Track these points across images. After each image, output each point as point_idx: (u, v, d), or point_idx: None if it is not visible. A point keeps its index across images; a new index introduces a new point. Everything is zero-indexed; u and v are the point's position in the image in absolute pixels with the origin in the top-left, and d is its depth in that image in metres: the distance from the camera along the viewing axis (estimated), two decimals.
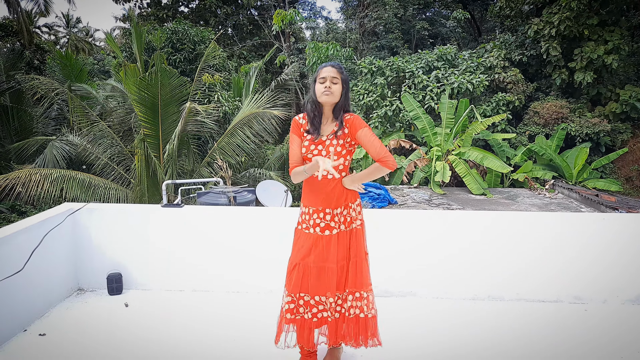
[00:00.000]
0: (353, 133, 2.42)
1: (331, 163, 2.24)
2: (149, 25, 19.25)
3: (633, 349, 2.94)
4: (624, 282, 3.58)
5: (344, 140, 2.43)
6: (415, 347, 2.91)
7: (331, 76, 2.41)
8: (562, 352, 2.90)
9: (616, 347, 2.97)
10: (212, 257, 3.76)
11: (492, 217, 3.74)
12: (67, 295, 3.65)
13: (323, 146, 2.43)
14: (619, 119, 13.83)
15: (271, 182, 7.10)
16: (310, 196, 2.48)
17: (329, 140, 2.43)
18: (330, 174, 2.40)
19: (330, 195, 2.45)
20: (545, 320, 3.34)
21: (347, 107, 2.49)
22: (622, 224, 3.57)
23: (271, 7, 23.40)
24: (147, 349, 2.90)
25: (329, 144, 2.42)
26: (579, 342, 3.03)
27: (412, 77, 14.62)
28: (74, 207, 3.74)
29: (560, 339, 3.06)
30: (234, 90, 14.78)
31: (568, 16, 13.21)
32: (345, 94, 2.45)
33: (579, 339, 3.06)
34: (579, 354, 2.89)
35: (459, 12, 18.82)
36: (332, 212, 2.45)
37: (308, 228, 2.48)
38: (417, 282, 3.67)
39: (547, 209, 9.41)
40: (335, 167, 2.42)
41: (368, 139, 2.39)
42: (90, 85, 14.60)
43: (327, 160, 2.25)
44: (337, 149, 2.41)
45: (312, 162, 2.34)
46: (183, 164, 10.91)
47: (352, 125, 2.42)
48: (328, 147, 2.41)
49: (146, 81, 9.44)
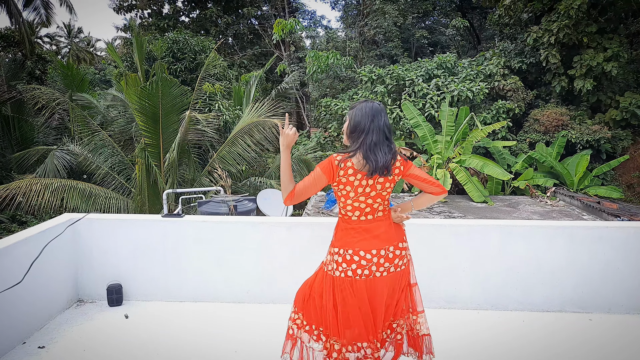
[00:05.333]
0: None
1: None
2: (150, 35, 19.33)
3: (636, 357, 2.90)
4: (629, 291, 3.54)
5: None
6: None
7: None
8: None
9: (621, 357, 2.93)
10: (213, 268, 3.74)
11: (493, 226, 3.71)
12: (67, 306, 3.62)
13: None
14: (619, 125, 13.82)
15: (272, 191, 7.08)
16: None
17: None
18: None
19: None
20: (549, 329, 3.30)
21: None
22: (626, 232, 3.55)
23: (271, 16, 23.54)
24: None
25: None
26: (583, 351, 2.99)
27: (412, 85, 14.65)
28: (74, 217, 3.72)
29: (564, 349, 3.02)
30: (234, 99, 14.80)
31: (567, 24, 13.25)
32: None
33: (583, 349, 3.02)
34: None
35: (458, 21, 18.91)
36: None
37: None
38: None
39: (549, 217, 9.37)
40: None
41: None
42: (92, 95, 14.65)
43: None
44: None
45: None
46: (184, 173, 10.89)
47: None
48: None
49: (147, 90, 9.45)
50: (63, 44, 35.86)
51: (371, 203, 2.29)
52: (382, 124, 2.25)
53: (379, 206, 2.32)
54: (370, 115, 2.24)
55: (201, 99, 13.84)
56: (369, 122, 2.23)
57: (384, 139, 2.24)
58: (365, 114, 2.25)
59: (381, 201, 2.32)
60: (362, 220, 2.31)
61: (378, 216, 2.32)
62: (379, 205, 2.32)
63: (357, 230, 2.30)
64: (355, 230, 2.30)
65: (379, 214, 2.33)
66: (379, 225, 2.31)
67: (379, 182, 2.26)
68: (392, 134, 2.32)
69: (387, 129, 2.26)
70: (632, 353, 2.98)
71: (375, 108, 2.27)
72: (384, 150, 2.22)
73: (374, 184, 2.25)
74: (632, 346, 3.07)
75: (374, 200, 2.29)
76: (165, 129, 9.90)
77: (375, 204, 2.30)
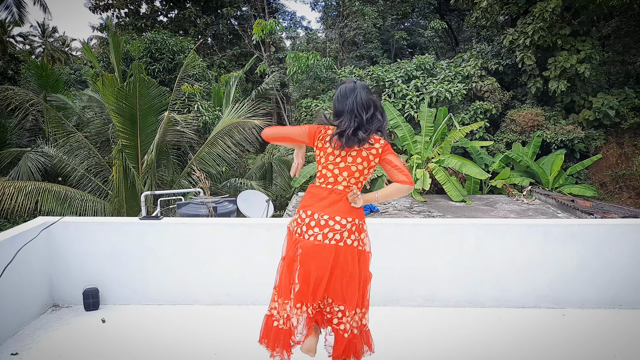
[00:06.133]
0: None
1: None
2: (127, 35, 19.03)
3: (607, 351, 2.99)
4: (600, 286, 3.65)
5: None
6: (399, 356, 2.91)
7: None
8: (541, 355, 2.94)
9: (593, 350, 3.02)
10: (192, 270, 3.71)
11: (470, 225, 3.78)
12: (42, 312, 3.55)
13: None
14: (592, 126, 14.20)
15: (252, 192, 7.06)
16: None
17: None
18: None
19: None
20: (525, 325, 3.38)
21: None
22: (597, 230, 3.65)
23: (251, 17, 23.44)
24: None
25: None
26: (556, 345, 3.07)
27: (392, 86, 14.78)
28: (48, 220, 3.65)
29: (538, 344, 3.10)
30: (214, 100, 14.68)
31: (542, 26, 13.55)
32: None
33: (556, 343, 3.10)
34: (557, 358, 2.92)
35: (436, 23, 19.13)
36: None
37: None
38: (400, 291, 3.68)
39: (525, 215, 9.58)
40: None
41: None
42: (67, 96, 14.31)
43: None
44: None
45: None
46: (162, 175, 10.76)
47: None
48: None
49: (124, 91, 9.31)
50: (37, 44, 34.95)
51: (337, 174, 2.40)
52: (352, 102, 2.40)
53: (342, 180, 2.40)
54: (343, 97, 2.44)
55: (180, 100, 13.70)
56: (343, 104, 2.43)
57: (354, 117, 2.37)
58: (338, 98, 2.47)
59: (347, 176, 2.39)
60: (321, 187, 2.43)
61: (337, 188, 2.40)
62: (342, 180, 2.40)
63: (313, 194, 2.44)
64: (311, 193, 2.45)
65: (339, 187, 2.40)
66: (333, 196, 2.40)
67: (351, 155, 2.38)
68: (368, 109, 2.41)
69: (358, 106, 2.39)
70: (603, 346, 3.07)
71: (348, 88, 2.45)
72: (354, 124, 2.35)
73: (345, 156, 2.39)
74: (603, 340, 3.17)
75: (340, 172, 2.40)
76: (143, 130, 9.76)
77: (339, 177, 2.40)
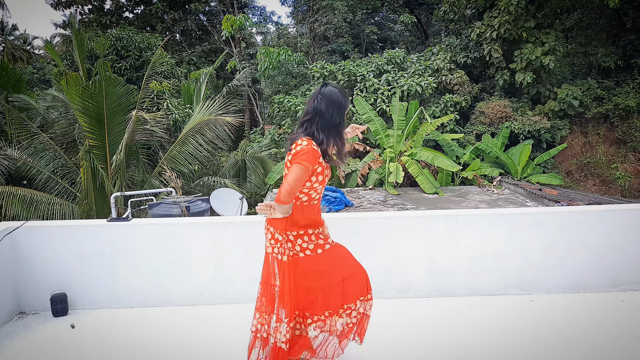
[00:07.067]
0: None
1: None
2: (91, 32, 18.51)
3: (573, 333, 3.10)
4: (567, 272, 3.78)
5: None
6: (384, 349, 2.95)
7: None
8: (510, 341, 3.03)
9: (560, 333, 3.13)
10: (163, 271, 3.65)
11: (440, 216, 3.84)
12: (7, 320, 3.44)
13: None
14: (557, 116, 14.65)
15: (226, 190, 6.97)
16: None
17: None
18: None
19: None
20: (494, 312, 3.47)
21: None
22: (562, 217, 3.78)
23: (220, 12, 23.13)
24: None
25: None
26: (524, 330, 3.17)
27: (364, 81, 14.86)
28: (11, 225, 3.53)
29: (507, 329, 3.19)
30: (184, 98, 14.45)
31: (507, 20, 13.86)
32: None
33: (524, 328, 3.20)
34: (526, 342, 3.02)
35: (406, 17, 19.33)
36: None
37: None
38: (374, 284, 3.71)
39: (496, 205, 9.80)
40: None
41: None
42: (30, 96, 13.83)
43: None
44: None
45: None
46: (132, 175, 10.54)
47: None
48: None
49: (90, 90, 9.05)
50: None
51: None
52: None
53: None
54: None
55: (148, 98, 13.40)
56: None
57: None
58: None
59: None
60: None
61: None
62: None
63: None
64: None
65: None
66: None
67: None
68: (321, 115, 2.40)
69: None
70: (569, 329, 3.18)
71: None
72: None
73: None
74: (568, 323, 3.28)
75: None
76: (111, 129, 9.53)
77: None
